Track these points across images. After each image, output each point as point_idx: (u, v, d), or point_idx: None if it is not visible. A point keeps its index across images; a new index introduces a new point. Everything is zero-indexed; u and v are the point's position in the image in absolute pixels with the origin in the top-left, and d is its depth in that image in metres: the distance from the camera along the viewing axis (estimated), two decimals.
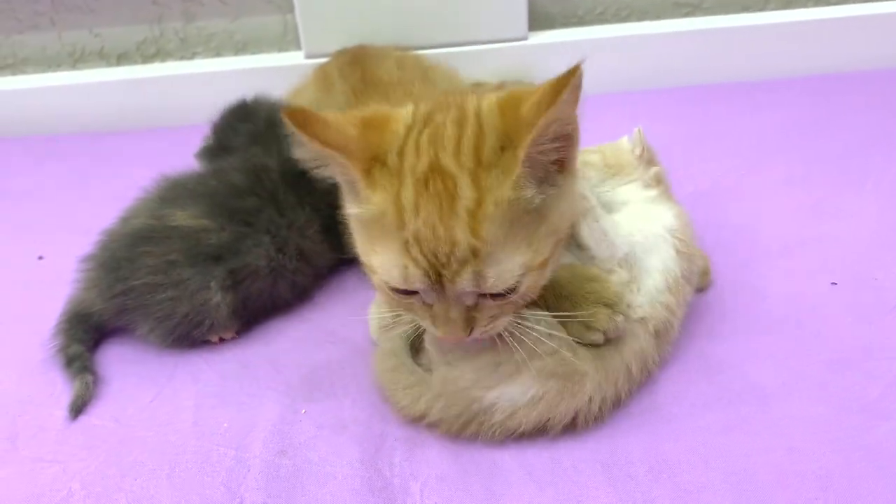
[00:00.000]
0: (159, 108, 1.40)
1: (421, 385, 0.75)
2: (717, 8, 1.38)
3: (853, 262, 0.92)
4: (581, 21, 1.40)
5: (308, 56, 1.36)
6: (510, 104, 0.64)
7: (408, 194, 0.63)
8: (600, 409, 0.74)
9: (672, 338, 0.81)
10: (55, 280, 0.93)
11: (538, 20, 1.38)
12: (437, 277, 0.63)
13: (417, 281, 0.64)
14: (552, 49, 1.35)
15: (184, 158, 1.05)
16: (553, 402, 0.72)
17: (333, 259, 0.95)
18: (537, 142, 0.61)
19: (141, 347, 0.89)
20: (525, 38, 1.35)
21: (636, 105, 1.30)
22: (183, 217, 0.87)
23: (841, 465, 0.70)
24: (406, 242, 0.63)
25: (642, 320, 0.77)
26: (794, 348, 0.82)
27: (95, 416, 0.82)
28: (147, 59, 1.43)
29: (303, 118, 0.63)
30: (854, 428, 0.73)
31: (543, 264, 0.67)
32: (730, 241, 0.98)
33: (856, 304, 0.87)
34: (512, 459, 0.73)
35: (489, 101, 0.66)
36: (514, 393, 0.72)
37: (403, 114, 0.67)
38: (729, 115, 1.26)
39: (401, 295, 0.67)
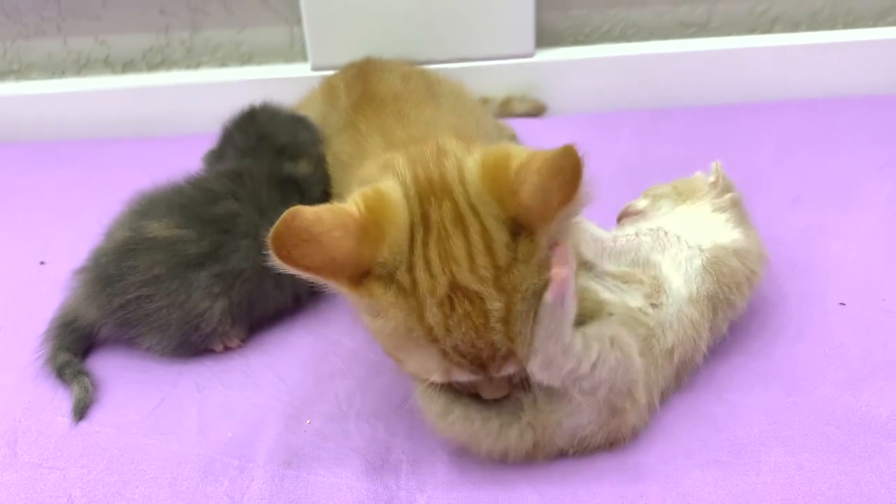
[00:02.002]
0: (164, 116, 1.40)
1: (505, 426, 0.71)
2: (723, 28, 1.39)
3: (861, 283, 0.92)
4: (588, 39, 1.40)
5: (314, 68, 1.36)
6: (497, 175, 0.61)
7: (434, 316, 0.60)
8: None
9: (696, 361, 0.80)
10: (57, 285, 0.92)
11: (545, 37, 1.38)
12: (482, 368, 0.63)
13: (461, 377, 0.64)
14: (559, 67, 1.35)
15: (187, 167, 1.04)
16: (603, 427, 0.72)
17: None
18: (553, 228, 0.61)
19: (145, 355, 0.88)
20: (532, 56, 1.35)
21: (641, 124, 1.30)
22: (158, 228, 0.86)
23: (851, 485, 0.69)
24: (444, 353, 0.61)
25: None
26: (802, 368, 0.82)
27: (97, 422, 0.81)
28: (153, 67, 1.43)
29: (292, 242, 0.59)
30: (864, 448, 0.73)
31: None
32: None
33: (864, 325, 0.87)
34: (518, 474, 0.72)
35: (471, 172, 0.63)
36: (581, 421, 0.71)
37: (398, 208, 0.62)
38: (735, 135, 1.25)
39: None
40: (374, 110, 0.97)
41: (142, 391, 0.84)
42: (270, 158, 0.97)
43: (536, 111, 1.36)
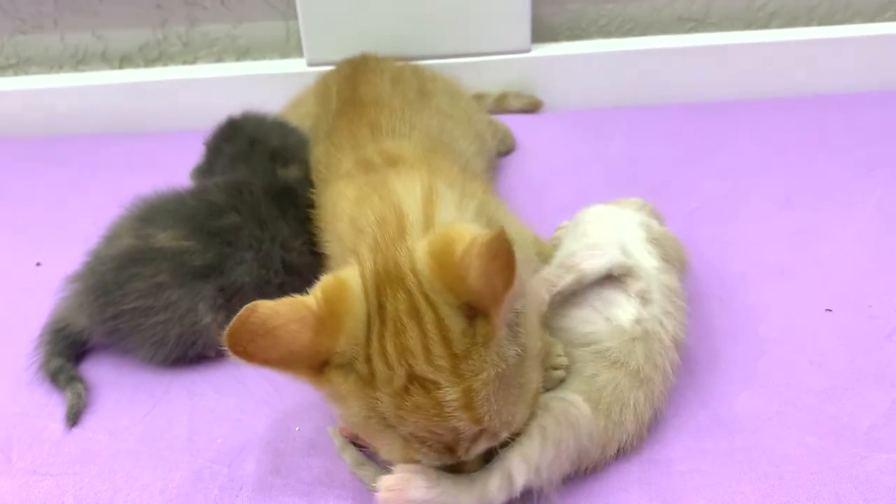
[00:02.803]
0: (160, 111, 1.40)
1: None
2: (721, 24, 1.38)
3: (848, 289, 0.93)
4: (584, 34, 1.40)
5: (310, 63, 1.36)
6: (444, 261, 0.61)
7: (386, 405, 0.60)
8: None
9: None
10: (52, 288, 0.93)
11: (541, 32, 1.38)
12: (449, 451, 0.62)
13: (430, 462, 0.64)
14: (555, 62, 1.35)
15: (183, 163, 1.05)
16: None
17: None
18: (507, 308, 0.59)
19: (138, 360, 0.89)
20: (528, 51, 1.34)
21: (637, 121, 1.31)
22: (165, 238, 0.86)
23: (830, 496, 0.70)
24: (405, 440, 0.62)
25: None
26: (786, 376, 0.83)
27: (90, 428, 0.82)
28: (149, 62, 1.43)
29: (247, 338, 0.59)
30: (844, 459, 0.73)
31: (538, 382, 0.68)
32: (726, 263, 0.98)
33: (849, 332, 0.87)
34: None
35: (421, 261, 0.62)
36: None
37: (356, 300, 0.62)
38: (730, 133, 1.26)
39: None
40: (350, 119, 0.97)
41: (134, 397, 0.86)
42: (264, 164, 0.97)
43: (532, 107, 1.36)
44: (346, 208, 0.79)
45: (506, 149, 1.25)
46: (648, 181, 1.15)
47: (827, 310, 0.90)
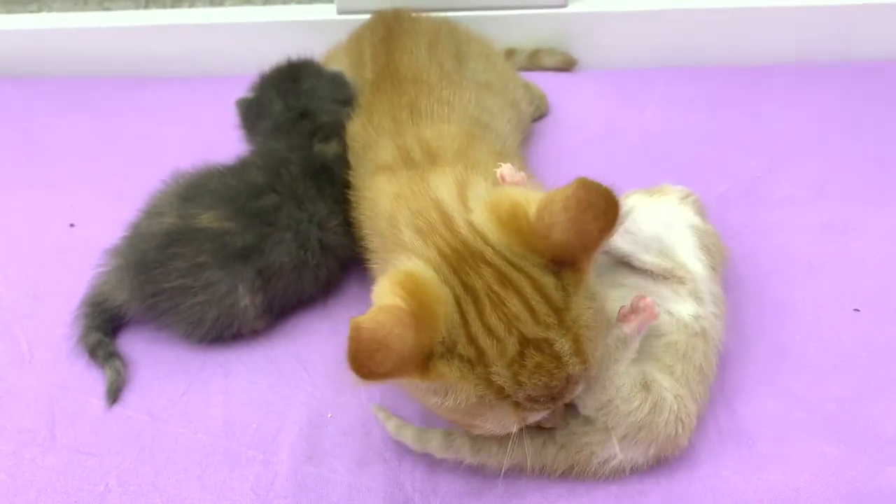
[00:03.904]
0: (184, 55, 1.38)
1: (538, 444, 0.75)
2: None
3: (877, 289, 0.93)
4: None
5: (340, 11, 1.32)
6: (518, 227, 0.64)
7: (504, 376, 0.62)
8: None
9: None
10: (88, 251, 0.94)
11: None
12: (553, 401, 0.65)
13: (536, 417, 0.67)
14: (592, 19, 1.30)
15: (209, 111, 1.02)
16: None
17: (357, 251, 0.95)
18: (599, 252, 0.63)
19: (172, 335, 0.91)
20: (564, 6, 1.30)
21: (673, 85, 1.27)
22: (208, 219, 0.87)
23: None
24: (517, 405, 0.64)
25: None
26: (810, 380, 0.84)
27: (129, 407, 0.85)
28: (176, 2, 1.40)
29: (366, 355, 0.58)
30: (862, 471, 0.76)
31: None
32: (755, 254, 0.97)
33: (875, 336, 0.88)
34: (530, 481, 0.76)
35: (492, 232, 0.65)
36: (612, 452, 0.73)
37: (437, 286, 0.63)
38: (768, 104, 1.22)
39: None
40: (390, 97, 0.96)
41: (170, 374, 0.88)
42: (303, 139, 0.96)
43: (566, 65, 1.32)
44: (386, 205, 0.80)
45: (540, 114, 1.23)
46: (680, 157, 1.13)
47: (855, 310, 0.90)
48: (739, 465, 0.77)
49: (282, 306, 0.92)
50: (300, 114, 0.98)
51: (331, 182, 0.93)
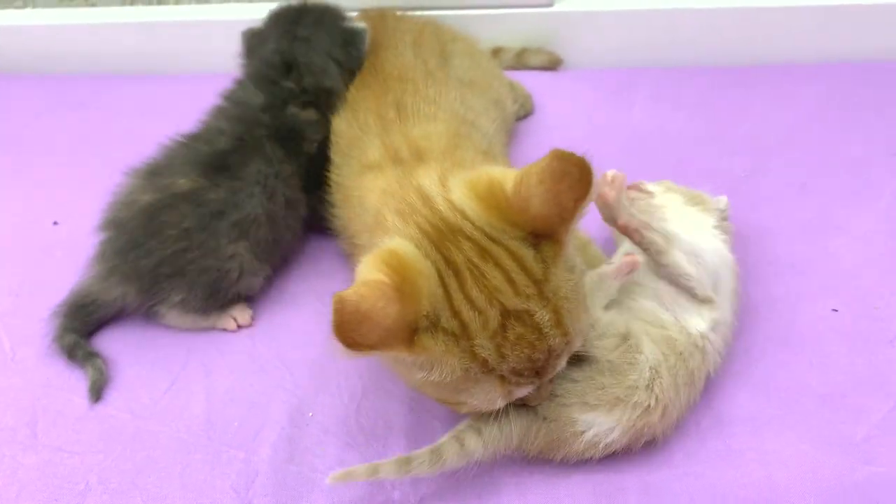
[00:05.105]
0: (170, 53, 1.38)
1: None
2: None
3: (856, 288, 0.93)
4: None
5: None
6: (496, 202, 0.65)
7: (488, 348, 0.63)
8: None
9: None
10: (71, 248, 0.95)
11: None
12: (538, 375, 0.66)
13: (522, 392, 0.67)
14: (578, 18, 1.30)
15: (196, 111, 1.02)
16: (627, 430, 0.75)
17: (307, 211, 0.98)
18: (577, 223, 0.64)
19: (154, 332, 0.92)
20: (550, 5, 1.30)
21: (659, 85, 1.28)
22: (185, 183, 0.89)
23: None
24: (502, 378, 0.65)
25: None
26: (787, 378, 0.85)
27: (111, 405, 0.85)
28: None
29: (351, 327, 0.59)
30: (836, 469, 0.76)
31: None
32: (739, 252, 0.96)
33: (853, 334, 0.88)
34: (509, 479, 0.77)
35: (470, 208, 0.66)
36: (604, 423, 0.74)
37: (419, 261, 0.64)
38: (753, 105, 1.23)
39: None
40: (375, 94, 0.96)
41: (152, 371, 0.88)
42: (281, 98, 0.98)
43: (552, 65, 1.33)
44: (373, 201, 0.81)
45: (525, 113, 1.23)
46: (665, 156, 1.13)
47: (833, 310, 0.91)
48: (717, 461, 0.78)
49: (271, 259, 0.95)
50: (285, 63, 0.99)
51: (296, 140, 0.96)
